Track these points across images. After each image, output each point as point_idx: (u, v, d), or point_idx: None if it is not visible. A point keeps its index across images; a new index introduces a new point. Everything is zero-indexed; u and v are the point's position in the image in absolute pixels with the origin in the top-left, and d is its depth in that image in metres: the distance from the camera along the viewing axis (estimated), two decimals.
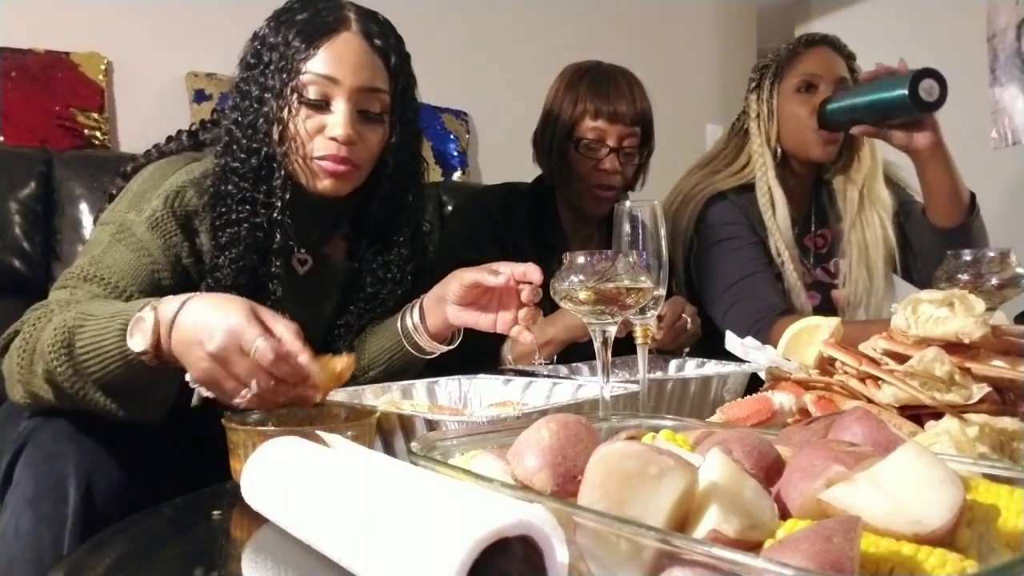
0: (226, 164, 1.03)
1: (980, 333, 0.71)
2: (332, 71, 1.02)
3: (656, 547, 0.38)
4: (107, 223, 1.00)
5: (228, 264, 1.01)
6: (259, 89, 1.04)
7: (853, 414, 0.55)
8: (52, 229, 1.71)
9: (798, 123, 1.57)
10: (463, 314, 1.06)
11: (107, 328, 0.81)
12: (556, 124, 1.49)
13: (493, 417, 0.85)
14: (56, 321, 0.84)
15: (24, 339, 0.87)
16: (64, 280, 0.96)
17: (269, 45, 1.04)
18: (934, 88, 1.36)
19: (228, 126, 1.06)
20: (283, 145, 1.02)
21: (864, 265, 1.62)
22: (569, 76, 1.51)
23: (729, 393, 1.08)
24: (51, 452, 0.83)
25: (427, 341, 1.11)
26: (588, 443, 0.49)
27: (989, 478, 0.46)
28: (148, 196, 1.01)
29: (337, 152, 1.03)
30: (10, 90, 1.94)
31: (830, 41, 1.60)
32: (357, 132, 1.04)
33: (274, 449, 0.63)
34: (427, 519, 0.44)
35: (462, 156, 2.53)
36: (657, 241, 0.89)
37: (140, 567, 0.62)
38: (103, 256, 0.96)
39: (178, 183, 1.02)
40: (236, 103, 1.06)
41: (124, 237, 0.97)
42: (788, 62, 1.59)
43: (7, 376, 0.90)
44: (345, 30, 1.04)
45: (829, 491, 0.40)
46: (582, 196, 1.50)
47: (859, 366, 0.76)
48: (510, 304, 1.04)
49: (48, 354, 0.82)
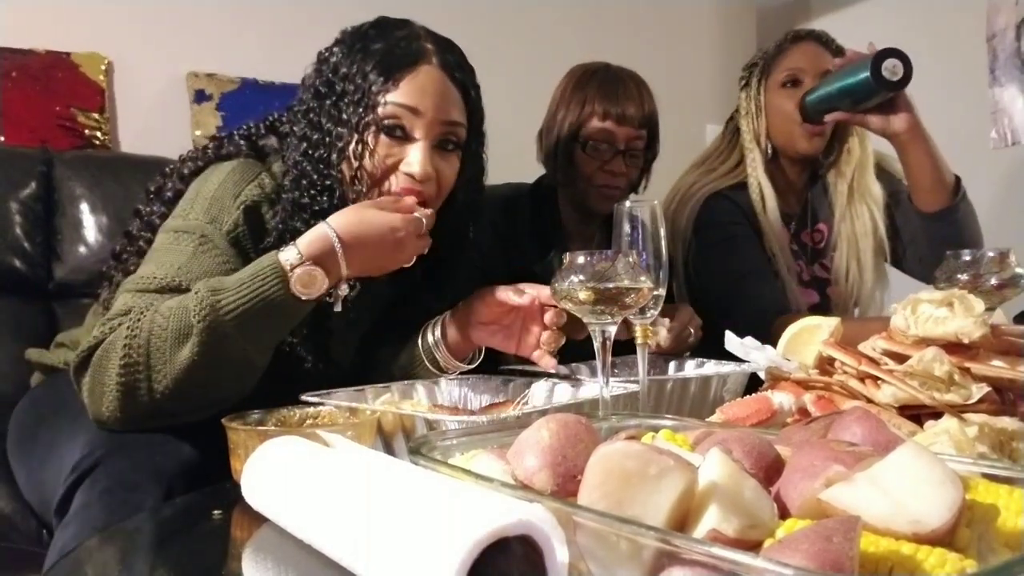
0: (296, 199, 1.00)
1: (979, 333, 0.71)
2: (415, 102, 0.99)
3: (656, 547, 0.38)
4: (184, 231, 0.98)
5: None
6: (332, 122, 1.00)
7: (853, 414, 0.55)
8: (53, 229, 1.72)
9: (784, 118, 1.58)
10: (486, 334, 1.05)
11: (259, 283, 0.87)
12: (563, 124, 1.49)
13: (493, 417, 0.85)
14: (173, 305, 0.86)
15: (128, 338, 0.85)
16: (144, 284, 0.93)
17: (343, 75, 1.01)
18: (897, 67, 1.35)
19: (297, 158, 1.02)
20: (356, 185, 1.00)
21: (855, 258, 1.62)
22: (577, 77, 1.51)
23: (729, 393, 1.08)
24: (129, 483, 0.80)
25: (446, 357, 1.09)
26: (588, 443, 0.49)
27: (988, 478, 0.46)
28: (226, 207, 0.98)
29: (412, 187, 1.00)
30: (10, 90, 1.94)
31: (816, 36, 1.61)
32: (434, 167, 1.01)
33: (274, 449, 0.63)
34: (427, 519, 0.44)
35: None
36: (657, 241, 0.89)
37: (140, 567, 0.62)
38: (189, 266, 0.94)
39: (254, 196, 1.00)
40: (305, 134, 1.02)
41: (208, 249, 0.96)
42: (775, 58, 1.60)
43: (94, 389, 0.87)
44: (425, 63, 1.00)
45: (829, 491, 0.40)
46: (587, 195, 1.50)
47: (859, 366, 0.76)
48: (533, 325, 1.03)
49: (192, 317, 0.84)
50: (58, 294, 1.71)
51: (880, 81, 1.35)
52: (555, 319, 1.00)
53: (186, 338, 0.84)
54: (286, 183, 1.02)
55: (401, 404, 0.96)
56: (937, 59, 1.54)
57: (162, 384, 0.85)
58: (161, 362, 0.85)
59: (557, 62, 1.58)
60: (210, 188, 1.01)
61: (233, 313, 0.85)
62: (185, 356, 0.84)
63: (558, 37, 2.66)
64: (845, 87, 1.44)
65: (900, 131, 1.42)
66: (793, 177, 1.66)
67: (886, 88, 1.37)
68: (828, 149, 1.63)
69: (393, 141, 1.00)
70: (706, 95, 3.13)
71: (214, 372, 0.86)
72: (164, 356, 0.85)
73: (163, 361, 0.85)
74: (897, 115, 1.41)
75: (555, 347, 1.02)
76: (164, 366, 0.85)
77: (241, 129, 1.14)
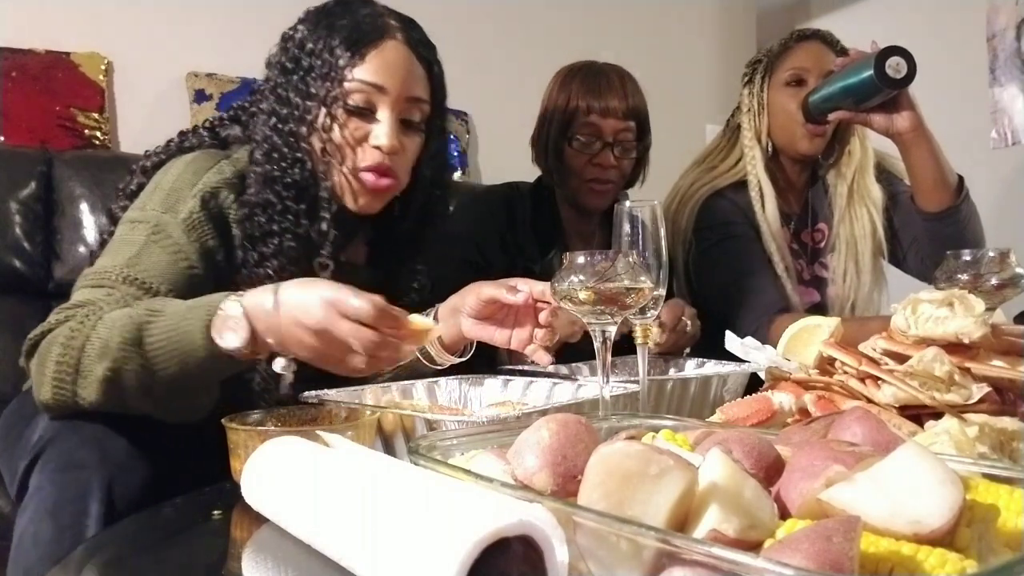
0: (267, 172, 1.01)
1: (980, 333, 0.71)
2: (380, 79, 1.00)
3: (656, 547, 0.38)
4: (139, 221, 0.98)
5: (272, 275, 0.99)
6: (300, 96, 1.01)
7: (853, 414, 0.55)
8: (52, 229, 1.72)
9: (786, 117, 1.58)
10: (478, 328, 1.05)
11: (187, 318, 0.82)
12: (551, 124, 1.50)
13: (493, 417, 0.85)
14: (116, 316, 0.84)
15: (69, 336, 0.84)
16: (97, 279, 0.93)
17: (309, 51, 1.02)
18: (901, 65, 1.34)
19: (267, 132, 1.03)
20: (326, 157, 1.01)
21: (853, 260, 1.62)
22: (562, 77, 1.53)
23: (729, 393, 1.08)
24: (74, 461, 0.81)
25: (438, 351, 1.09)
26: (588, 443, 0.49)
27: (989, 478, 0.46)
28: (183, 196, 0.99)
29: (381, 161, 1.01)
30: (10, 90, 1.94)
31: (821, 36, 1.61)
32: (400, 142, 1.03)
33: (274, 449, 0.63)
34: (427, 519, 0.44)
35: (462, 156, 2.53)
36: (657, 241, 0.89)
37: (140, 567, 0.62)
38: (139, 257, 0.94)
39: (212, 183, 1.00)
40: (274, 109, 1.03)
41: (160, 239, 0.96)
42: (779, 56, 1.60)
43: (36, 377, 0.87)
44: (391, 38, 1.02)
45: (829, 491, 0.40)
46: (579, 191, 1.51)
47: (859, 366, 0.76)
48: (526, 321, 1.03)
49: (116, 350, 0.81)
50: (58, 294, 1.70)
51: (884, 79, 1.34)
52: (549, 318, 1.00)
53: (107, 356, 0.82)
54: (257, 156, 1.03)
55: (401, 404, 0.95)
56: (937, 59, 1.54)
57: (86, 391, 0.84)
58: (87, 371, 0.83)
59: (557, 62, 1.59)
60: (168, 179, 1.01)
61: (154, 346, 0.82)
62: (101, 374, 0.82)
63: (558, 37, 2.66)
64: (848, 86, 1.43)
65: (904, 130, 1.41)
66: (793, 176, 1.66)
67: (890, 86, 1.36)
68: (828, 150, 1.63)
69: (357, 118, 1.01)
70: (706, 95, 3.13)
71: (135, 396, 0.84)
72: (91, 367, 0.83)
73: (88, 371, 0.83)
74: (900, 114, 1.41)
75: (550, 343, 1.02)
76: (87, 377, 0.83)
77: (206, 122, 1.16)
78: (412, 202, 1.12)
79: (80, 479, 0.80)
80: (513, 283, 1.01)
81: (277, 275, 0.99)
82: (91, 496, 0.79)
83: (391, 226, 1.15)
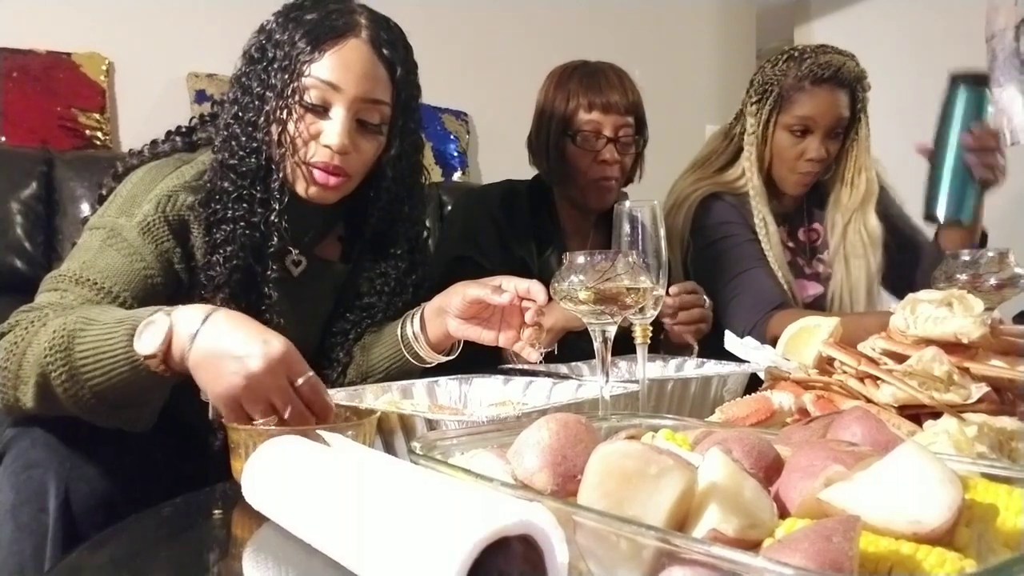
0: (224, 160, 1.02)
1: (979, 333, 0.72)
2: (335, 78, 1.00)
3: (656, 546, 0.38)
4: (97, 227, 0.98)
5: (222, 262, 0.99)
6: (261, 86, 1.02)
7: (852, 414, 0.55)
8: (53, 229, 1.72)
9: (783, 162, 1.60)
10: (464, 327, 1.05)
11: (113, 332, 0.80)
12: (551, 123, 1.50)
13: (493, 417, 0.85)
14: (54, 324, 0.83)
15: (13, 342, 0.85)
16: (53, 283, 0.93)
17: (275, 42, 1.03)
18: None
19: (227, 120, 1.04)
20: (281, 147, 1.01)
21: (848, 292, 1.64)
22: (558, 76, 1.53)
23: (729, 393, 1.08)
24: (29, 461, 0.82)
25: (427, 351, 1.10)
26: (588, 443, 0.49)
27: (988, 477, 0.46)
28: (139, 200, 0.99)
29: (330, 160, 1.02)
30: (11, 90, 1.94)
31: (839, 79, 1.54)
32: (353, 142, 1.02)
33: (274, 449, 0.64)
34: (427, 519, 0.44)
35: (462, 156, 2.53)
36: (657, 241, 0.89)
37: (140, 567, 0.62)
38: (94, 260, 0.94)
39: (169, 187, 1.00)
40: (236, 97, 1.04)
41: (115, 242, 0.96)
42: (789, 97, 1.56)
43: None
44: (354, 36, 1.02)
45: (828, 490, 0.40)
46: (585, 190, 1.50)
47: (858, 366, 0.77)
48: (513, 319, 1.03)
49: (44, 358, 0.80)
50: None
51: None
52: (535, 318, 0.99)
53: (39, 363, 0.82)
54: (216, 143, 1.04)
55: (401, 404, 0.96)
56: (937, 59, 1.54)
57: (25, 396, 0.84)
58: (26, 377, 0.83)
59: (557, 62, 1.59)
60: (127, 187, 1.02)
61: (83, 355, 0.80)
62: (34, 380, 0.82)
63: (558, 37, 2.66)
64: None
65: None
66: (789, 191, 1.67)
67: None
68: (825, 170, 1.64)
69: (312, 114, 1.02)
70: (706, 95, 3.13)
71: (67, 403, 0.82)
72: (28, 373, 0.83)
73: (27, 377, 0.83)
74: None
75: (537, 340, 1.02)
76: (26, 383, 0.83)
77: (183, 126, 1.18)
78: (376, 201, 1.12)
79: (34, 478, 0.80)
80: (498, 282, 1.01)
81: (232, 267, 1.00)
82: (48, 494, 0.79)
83: (362, 224, 1.16)
